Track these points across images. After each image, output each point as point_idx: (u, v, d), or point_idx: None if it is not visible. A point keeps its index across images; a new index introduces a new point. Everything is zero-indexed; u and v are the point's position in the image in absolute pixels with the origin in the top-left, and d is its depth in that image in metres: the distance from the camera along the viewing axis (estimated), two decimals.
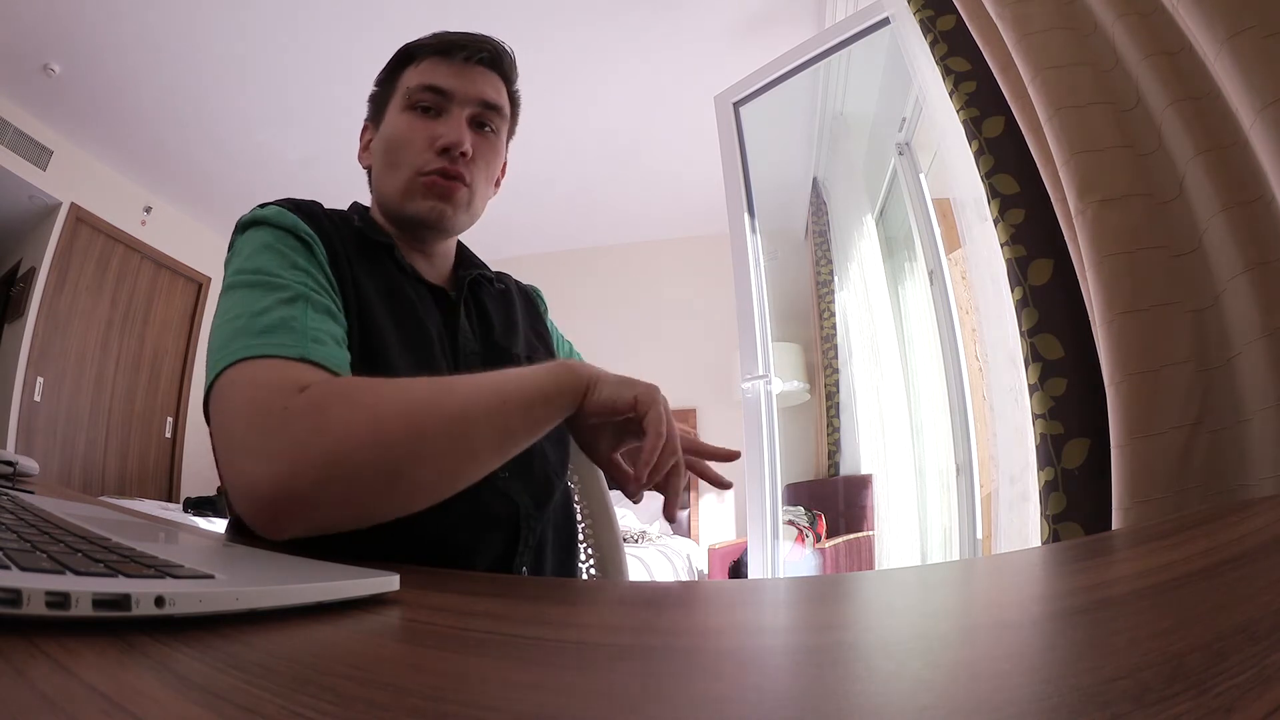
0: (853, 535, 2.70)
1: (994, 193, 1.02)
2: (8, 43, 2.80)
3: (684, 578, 3.13)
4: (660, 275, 4.64)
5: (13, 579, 0.21)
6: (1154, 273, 0.77)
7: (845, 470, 3.10)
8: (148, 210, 4.00)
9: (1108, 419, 0.78)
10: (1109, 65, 0.87)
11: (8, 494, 0.53)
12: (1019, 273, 0.96)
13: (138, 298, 3.99)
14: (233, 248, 0.64)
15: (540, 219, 4.15)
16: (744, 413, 2.07)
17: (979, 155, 1.05)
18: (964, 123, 1.09)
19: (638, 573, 2.67)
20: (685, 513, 4.17)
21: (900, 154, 2.58)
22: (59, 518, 0.40)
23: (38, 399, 3.35)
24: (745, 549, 2.86)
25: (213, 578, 0.26)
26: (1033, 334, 0.93)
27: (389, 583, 0.34)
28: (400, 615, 0.31)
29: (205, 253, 4.35)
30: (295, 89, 3.17)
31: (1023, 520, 1.09)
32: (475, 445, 0.51)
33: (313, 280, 0.60)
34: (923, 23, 1.20)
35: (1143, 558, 0.42)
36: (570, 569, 0.77)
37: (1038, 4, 0.94)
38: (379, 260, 0.70)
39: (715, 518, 4.19)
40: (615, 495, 0.92)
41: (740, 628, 0.34)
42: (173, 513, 3.00)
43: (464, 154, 0.70)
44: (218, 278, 0.63)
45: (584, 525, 0.89)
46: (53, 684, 0.17)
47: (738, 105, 2.22)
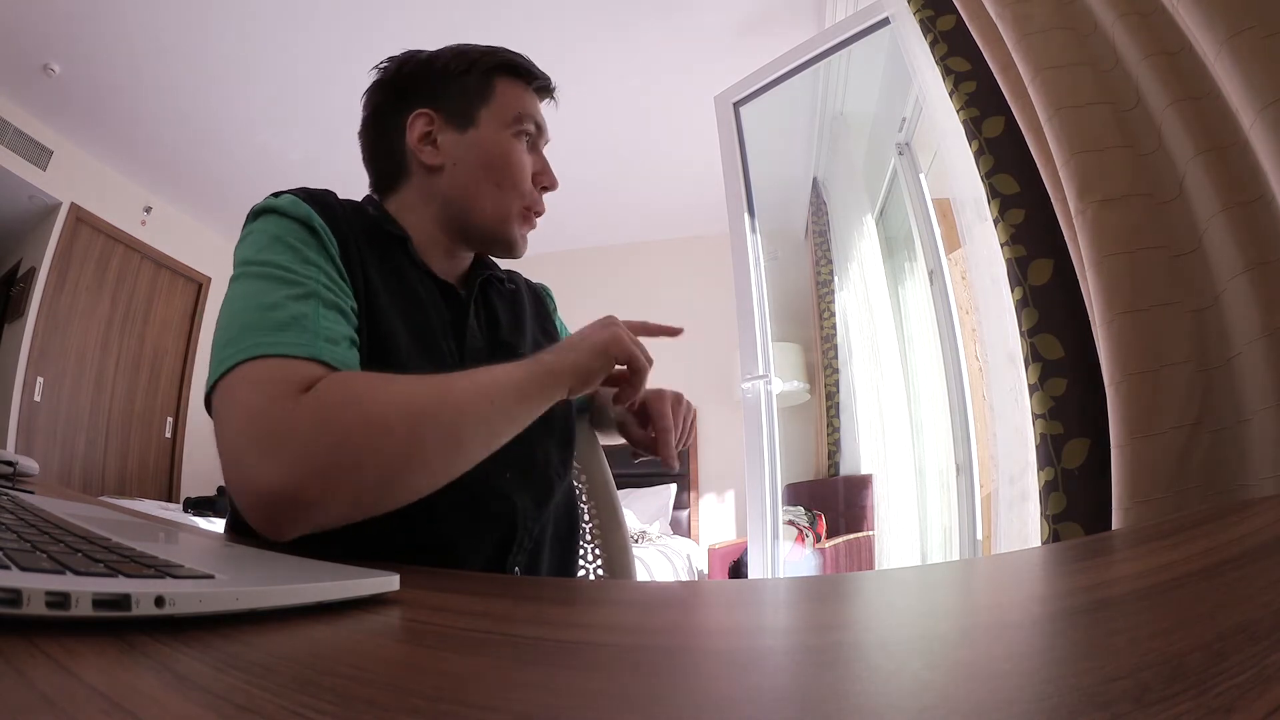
0: (853, 535, 2.70)
1: (994, 193, 1.02)
2: (8, 43, 2.80)
3: (684, 578, 3.13)
4: (660, 275, 4.64)
5: (13, 579, 0.21)
6: (1154, 273, 0.77)
7: (845, 470, 3.10)
8: (148, 210, 4.00)
9: (1108, 419, 0.78)
10: (1109, 65, 0.87)
11: (8, 494, 0.53)
12: (1019, 273, 0.96)
13: (138, 298, 3.99)
14: (244, 235, 0.62)
15: (540, 219, 4.15)
16: (744, 413, 2.07)
17: (979, 155, 1.05)
18: (964, 123, 1.09)
19: (638, 573, 2.67)
20: (685, 513, 4.17)
21: (900, 154, 2.58)
22: (59, 518, 0.40)
23: (38, 399, 3.35)
24: (745, 549, 2.86)
25: (213, 578, 0.26)
26: (1033, 334, 0.93)
27: (389, 583, 0.34)
28: (400, 615, 0.31)
29: (205, 253, 4.35)
30: (295, 89, 3.17)
31: (1023, 520, 1.09)
32: (468, 448, 0.54)
33: (324, 275, 0.59)
34: (923, 23, 1.20)
35: (1143, 558, 0.42)
36: (568, 570, 0.77)
37: (1038, 4, 0.94)
38: (391, 254, 0.70)
39: (715, 518, 4.19)
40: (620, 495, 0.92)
41: (740, 628, 0.34)
42: (173, 513, 3.00)
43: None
44: (218, 278, 0.63)
45: (591, 525, 0.89)
46: (53, 684, 0.17)
47: (738, 105, 2.22)
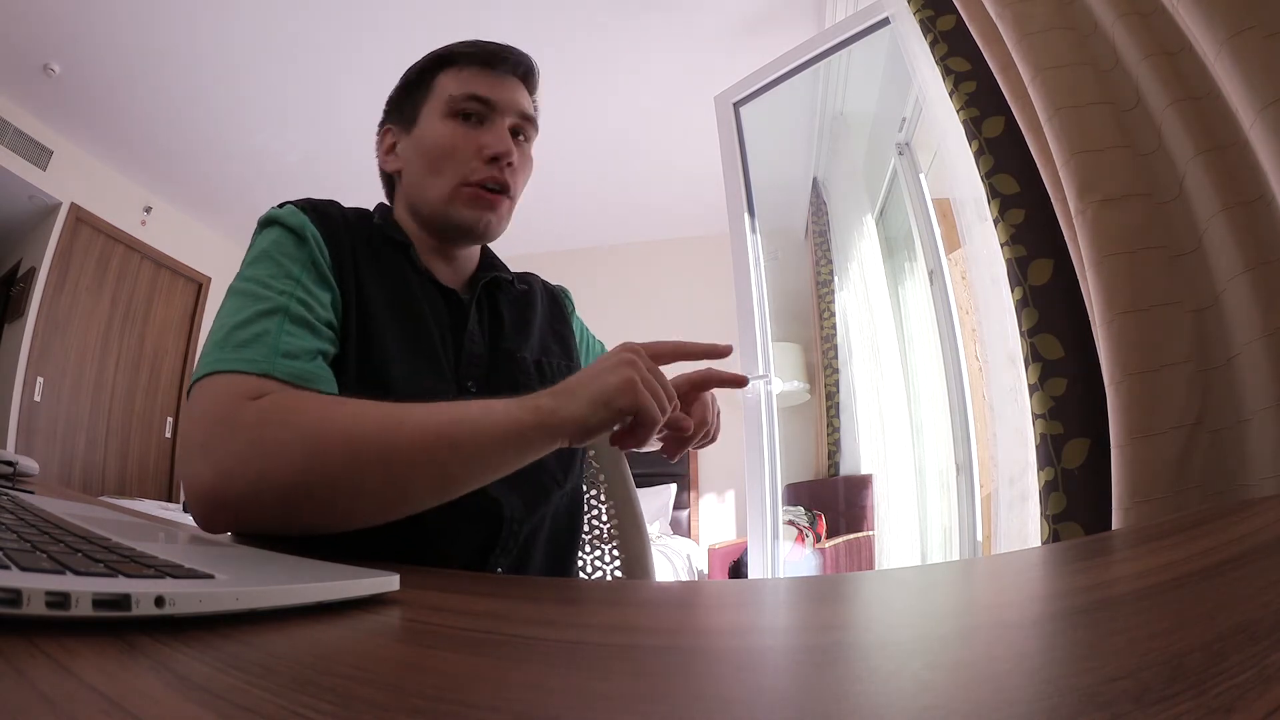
0: (853, 535, 2.70)
1: (994, 193, 1.02)
2: (8, 43, 2.80)
3: (684, 578, 3.13)
4: (660, 275, 4.64)
5: (13, 579, 0.21)
6: (1154, 273, 0.77)
7: (845, 470, 3.10)
8: (148, 210, 4.00)
9: (1108, 419, 0.78)
10: (1109, 65, 0.87)
11: (8, 494, 0.53)
12: (1019, 273, 0.96)
13: (138, 298, 3.99)
14: (250, 245, 0.67)
15: (540, 219, 4.15)
16: (744, 413, 2.07)
17: (979, 155, 1.05)
18: (964, 123, 1.09)
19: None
20: (685, 513, 4.17)
21: (900, 154, 2.58)
22: (59, 518, 0.40)
23: (38, 399, 3.35)
24: (745, 549, 2.85)
25: (213, 578, 0.26)
26: (1033, 334, 0.93)
27: (389, 583, 0.34)
28: (400, 615, 0.31)
29: (205, 253, 4.35)
30: (295, 89, 3.17)
31: (1023, 520, 1.09)
32: (412, 487, 0.51)
33: (302, 290, 0.61)
34: (923, 23, 1.20)
35: (1143, 558, 0.42)
36: (564, 572, 0.76)
37: (1038, 4, 0.94)
38: (393, 261, 0.71)
39: (715, 518, 4.19)
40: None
41: (740, 628, 0.34)
42: (173, 513, 3.00)
43: (510, 163, 0.72)
44: (218, 278, 0.65)
45: (610, 526, 0.88)
46: (53, 684, 0.17)
47: (738, 105, 2.22)
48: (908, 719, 0.17)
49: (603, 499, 0.89)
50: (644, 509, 0.90)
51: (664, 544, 3.39)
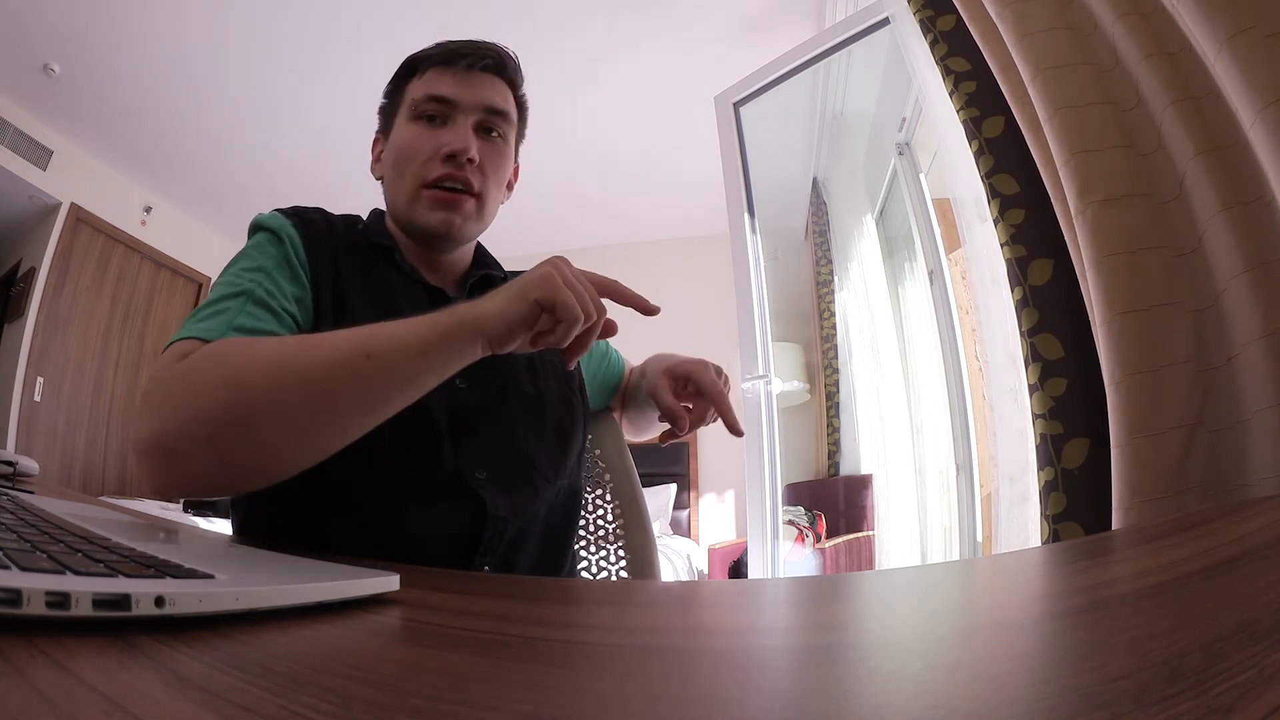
0: (853, 535, 2.70)
1: (994, 193, 1.02)
2: (8, 43, 2.80)
3: (684, 578, 3.13)
4: (660, 275, 4.63)
5: (13, 579, 0.21)
6: (1154, 273, 0.77)
7: (845, 470, 3.10)
8: (148, 210, 4.00)
9: (1108, 419, 0.78)
10: (1109, 65, 0.87)
11: (8, 494, 0.53)
12: (1019, 273, 0.96)
13: (138, 298, 3.99)
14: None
15: (540, 219, 4.15)
16: (744, 413, 2.07)
17: (979, 155, 1.05)
18: (964, 123, 1.09)
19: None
20: (685, 512, 4.17)
21: (900, 154, 2.58)
22: (59, 518, 0.40)
23: (38, 399, 3.35)
24: (745, 549, 2.86)
25: (213, 578, 0.26)
26: (1033, 334, 0.93)
27: (389, 583, 0.34)
28: (400, 615, 0.31)
29: (205, 253, 4.35)
30: (295, 90, 3.17)
31: (1023, 520, 1.09)
32: (337, 403, 0.50)
33: (269, 280, 0.63)
34: (923, 23, 1.20)
35: (1143, 558, 0.42)
36: (556, 571, 0.75)
37: (1038, 4, 0.94)
38: (377, 264, 0.72)
39: (715, 518, 4.19)
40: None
41: (740, 628, 0.34)
42: (173, 513, 3.00)
43: (470, 160, 0.70)
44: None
45: (614, 526, 0.88)
46: (53, 684, 0.17)
47: (738, 105, 2.22)
48: (908, 719, 0.17)
49: (608, 498, 0.89)
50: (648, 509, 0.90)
51: (664, 544, 3.39)
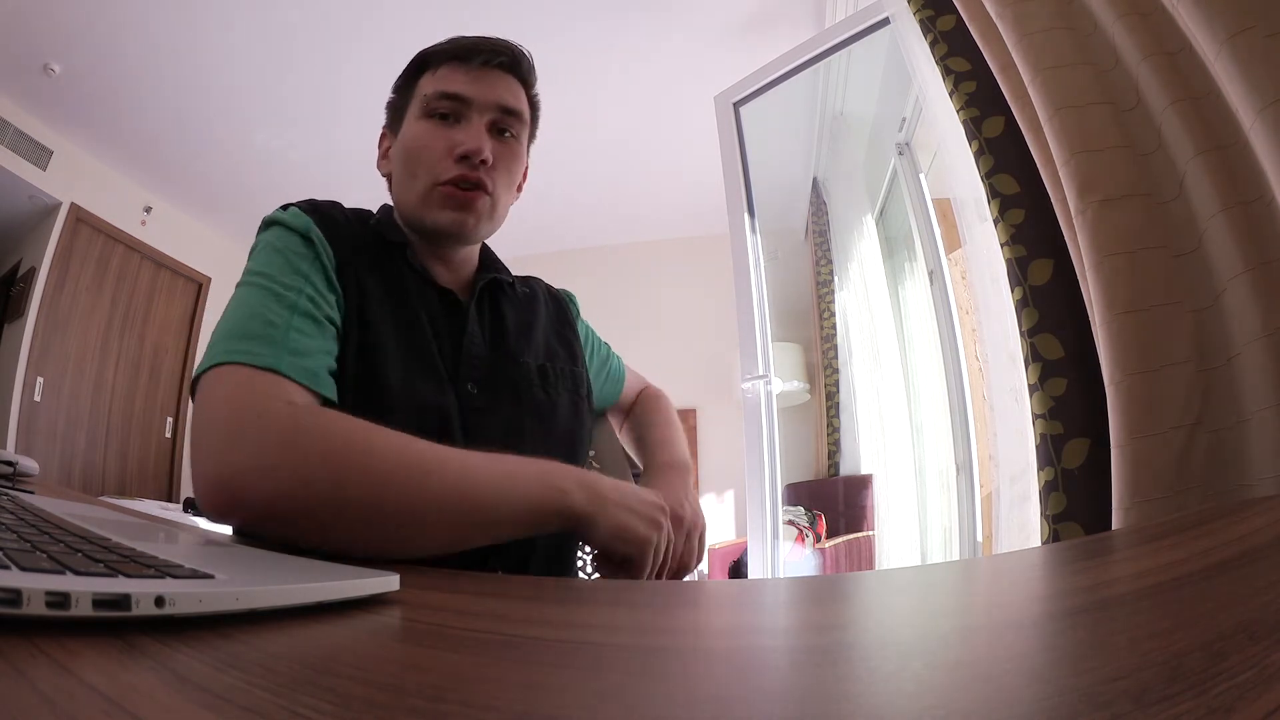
0: (853, 535, 2.70)
1: (994, 193, 1.02)
2: (8, 43, 2.80)
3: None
4: (660, 275, 4.64)
5: (13, 579, 0.21)
6: (1154, 273, 0.77)
7: (845, 470, 3.10)
8: (148, 210, 4.00)
9: (1108, 419, 0.78)
10: (1109, 65, 0.87)
11: (8, 494, 0.53)
12: (1019, 273, 0.96)
13: (138, 298, 3.99)
14: (253, 245, 0.67)
15: (540, 219, 4.15)
16: (744, 413, 2.07)
17: (979, 155, 1.05)
18: (964, 123, 1.09)
19: None
20: None
21: (900, 154, 2.58)
22: (59, 518, 0.40)
23: (38, 399, 3.35)
24: (745, 549, 2.86)
25: (213, 578, 0.26)
26: (1033, 334, 0.93)
27: (389, 583, 0.34)
28: (400, 615, 0.31)
29: (205, 253, 4.35)
30: (295, 89, 3.17)
31: (1023, 520, 1.09)
32: (422, 540, 0.51)
33: (310, 286, 0.61)
34: (923, 23, 1.20)
35: (1143, 558, 0.42)
36: (564, 572, 0.76)
37: (1038, 4, 0.94)
38: (390, 261, 0.71)
39: (715, 518, 4.19)
40: None
41: (740, 628, 0.34)
42: (173, 513, 3.00)
43: (484, 161, 0.69)
44: (218, 278, 0.65)
45: None
46: (53, 684, 0.17)
47: (738, 105, 2.22)
48: (908, 719, 0.17)
49: None
50: None
51: None
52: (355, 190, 0.84)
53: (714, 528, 4.12)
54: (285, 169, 3.75)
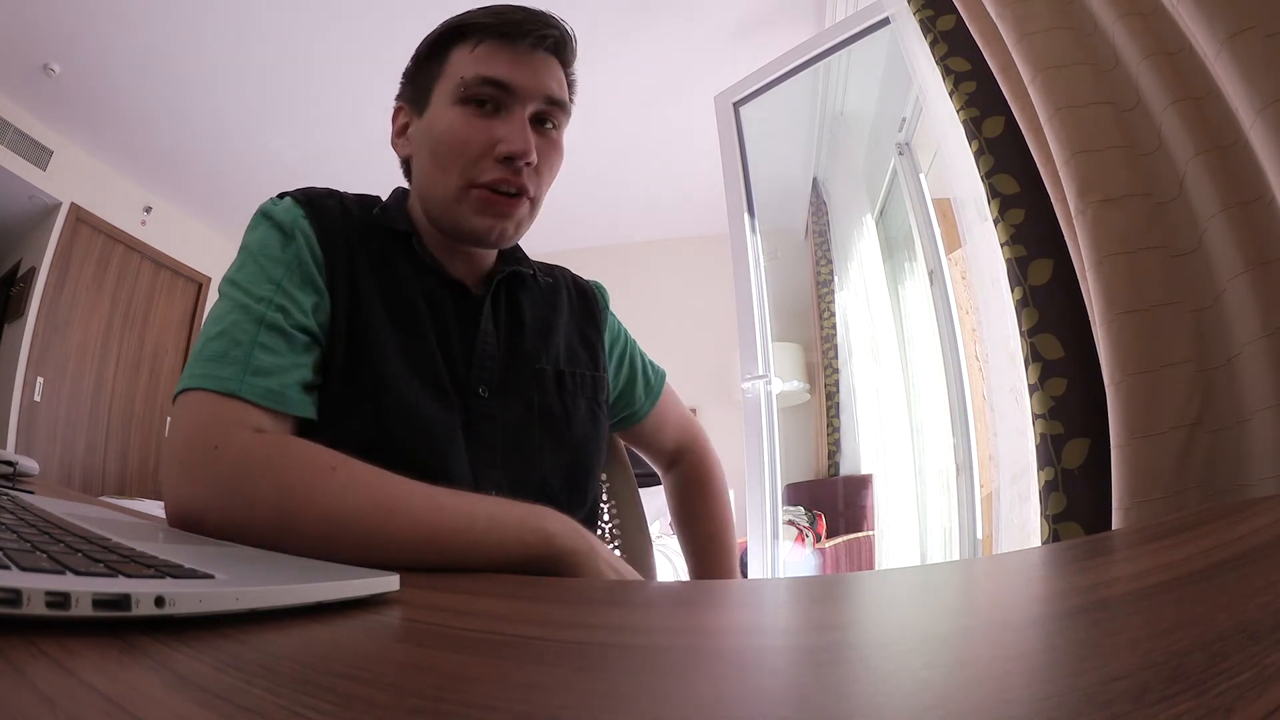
0: (853, 535, 2.70)
1: (994, 193, 1.02)
2: (8, 43, 2.80)
3: (684, 578, 3.13)
4: (660, 275, 4.64)
5: (13, 579, 0.21)
6: (1154, 273, 0.77)
7: (845, 470, 3.10)
8: (148, 210, 4.00)
9: (1108, 419, 0.78)
10: (1109, 65, 0.87)
11: (8, 494, 0.53)
12: (1019, 273, 0.96)
13: (138, 298, 3.99)
14: (243, 237, 0.64)
15: (539, 218, 4.15)
16: (744, 413, 2.07)
17: (979, 155, 1.05)
18: (964, 123, 1.09)
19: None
20: None
21: (900, 154, 2.58)
22: (59, 518, 0.40)
23: (38, 399, 3.35)
24: (745, 549, 2.85)
25: (213, 578, 0.26)
26: (1033, 334, 0.93)
27: (389, 583, 0.34)
28: (400, 615, 0.31)
29: (205, 253, 4.35)
30: (295, 89, 3.17)
31: (1023, 520, 1.09)
32: (384, 554, 0.46)
33: (282, 295, 0.58)
34: (923, 23, 1.20)
35: (1143, 558, 0.42)
36: None
37: (1038, 4, 0.94)
38: (393, 253, 0.65)
39: None
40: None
41: (740, 628, 0.34)
42: None
43: (529, 164, 0.62)
44: (218, 278, 0.63)
45: (611, 526, 0.88)
46: (53, 684, 0.17)
47: (738, 105, 2.22)
48: (908, 719, 0.17)
49: (604, 498, 0.89)
50: (644, 509, 0.90)
51: (664, 544, 3.39)
52: (355, 190, 0.84)
53: None
54: (285, 169, 3.74)
